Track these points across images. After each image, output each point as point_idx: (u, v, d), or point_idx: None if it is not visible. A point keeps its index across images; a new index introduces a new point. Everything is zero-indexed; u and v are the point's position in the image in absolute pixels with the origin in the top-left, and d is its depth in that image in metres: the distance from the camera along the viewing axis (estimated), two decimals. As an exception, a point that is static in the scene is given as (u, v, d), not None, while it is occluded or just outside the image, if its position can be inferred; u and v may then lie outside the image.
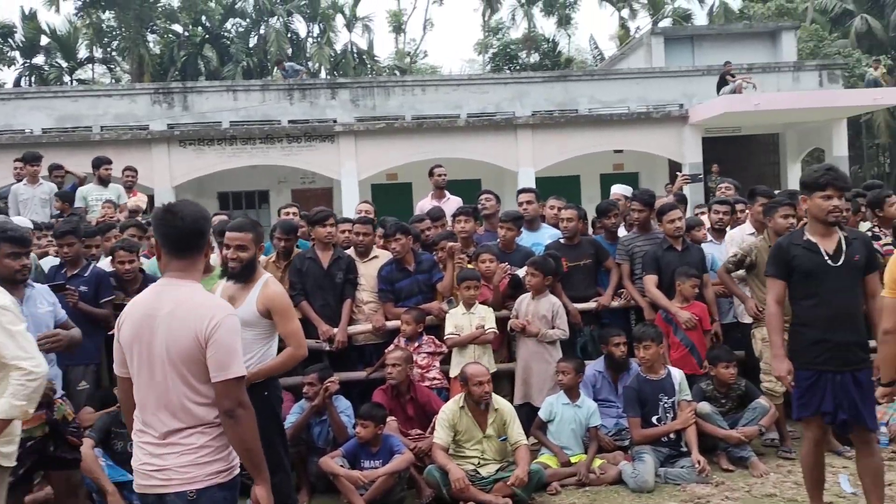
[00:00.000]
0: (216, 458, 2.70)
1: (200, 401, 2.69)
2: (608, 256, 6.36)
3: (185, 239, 2.76)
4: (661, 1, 34.37)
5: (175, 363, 2.67)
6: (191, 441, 2.68)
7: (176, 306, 2.69)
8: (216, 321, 2.65)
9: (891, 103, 19.34)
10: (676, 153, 18.84)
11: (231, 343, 2.68)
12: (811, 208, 4.07)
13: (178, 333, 2.66)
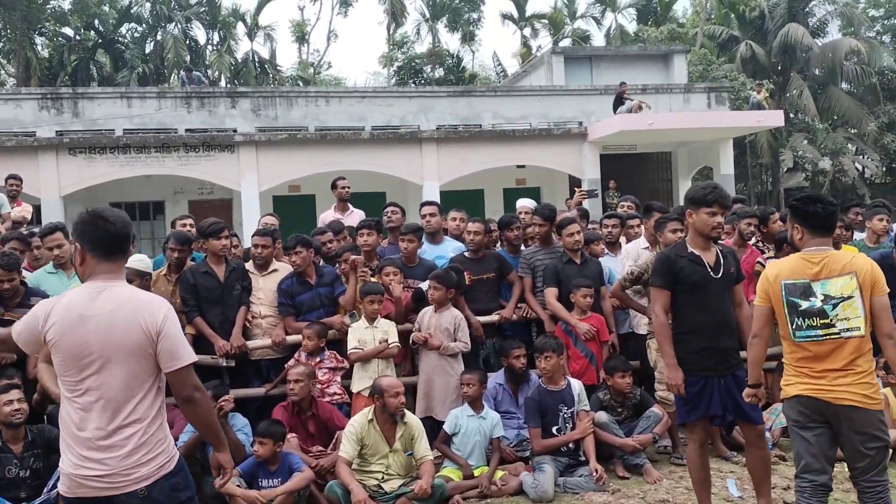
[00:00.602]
0: (158, 452, 2.77)
1: (141, 397, 2.76)
2: (511, 270, 6.44)
3: (116, 243, 2.84)
4: (562, 21, 35.45)
5: (121, 360, 2.72)
6: (132, 440, 2.72)
7: (119, 304, 2.75)
8: (163, 314, 2.77)
9: (773, 125, 20.54)
10: (576, 169, 19.38)
11: (179, 333, 2.82)
12: (696, 223, 4.27)
13: (125, 330, 2.72)
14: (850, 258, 3.67)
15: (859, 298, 3.56)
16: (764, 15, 29.42)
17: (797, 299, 3.65)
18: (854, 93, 28.98)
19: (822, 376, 3.62)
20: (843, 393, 3.57)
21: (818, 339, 3.62)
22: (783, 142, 27.12)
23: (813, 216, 3.70)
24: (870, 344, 3.63)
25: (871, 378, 3.60)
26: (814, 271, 3.62)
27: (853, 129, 28.55)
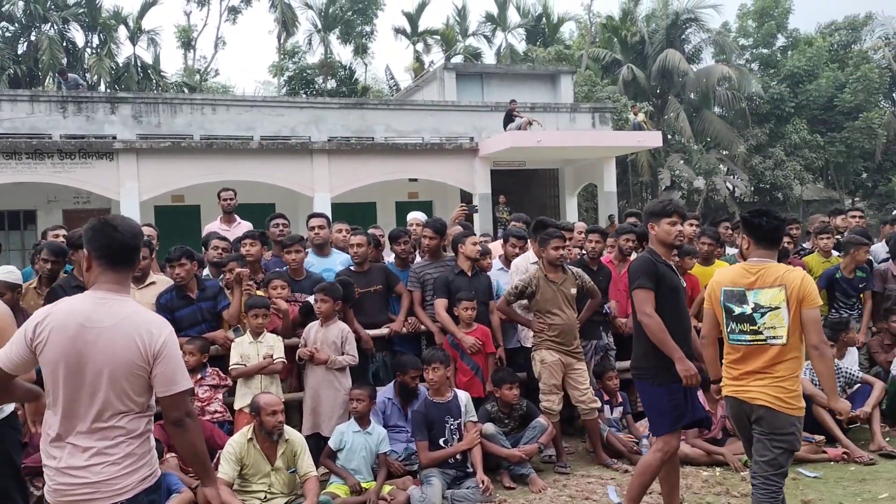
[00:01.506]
0: (141, 464, 2.75)
1: (133, 414, 2.74)
2: (398, 282, 6.43)
3: (122, 252, 2.79)
4: (454, 38, 35.98)
5: (114, 376, 2.68)
6: (118, 451, 2.70)
7: (121, 320, 2.70)
8: (164, 338, 2.73)
9: (652, 145, 21.54)
10: (468, 183, 19.63)
11: (178, 357, 2.78)
12: (659, 233, 4.50)
13: (122, 347, 2.68)
14: (784, 272, 3.89)
15: (786, 310, 3.81)
16: (644, 40, 30.91)
17: (732, 305, 3.96)
18: (725, 117, 30.84)
19: (742, 378, 3.94)
20: (757, 393, 3.86)
21: (746, 343, 3.92)
22: (662, 161, 28.50)
23: (757, 228, 3.98)
24: (794, 353, 3.86)
25: (789, 384, 3.83)
26: (749, 280, 3.91)
27: (725, 151, 30.34)
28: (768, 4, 31.84)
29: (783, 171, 28.74)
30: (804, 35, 32.68)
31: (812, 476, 5.47)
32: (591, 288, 6.12)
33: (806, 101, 29.69)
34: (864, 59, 30.44)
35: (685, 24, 30.97)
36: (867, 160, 30.58)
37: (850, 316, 7.30)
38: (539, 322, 5.89)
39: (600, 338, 6.67)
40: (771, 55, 32.49)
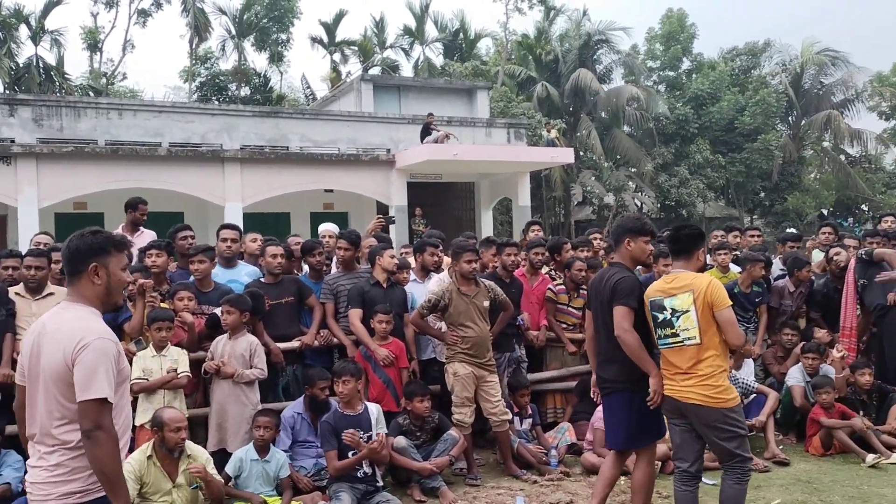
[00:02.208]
0: (71, 479, 2.70)
1: (64, 421, 2.71)
2: (311, 294, 6.34)
3: (65, 264, 2.88)
4: (371, 50, 35.95)
5: (48, 381, 2.72)
6: (50, 459, 2.72)
7: (58, 327, 2.76)
8: (84, 343, 2.67)
9: (564, 162, 22.01)
10: (384, 195, 19.58)
11: (94, 364, 2.66)
12: (634, 250, 4.63)
13: (53, 353, 2.71)
14: (692, 278, 4.26)
15: (694, 312, 4.19)
16: (558, 59, 31.66)
17: (656, 313, 4.36)
18: (634, 135, 31.89)
19: (673, 378, 4.31)
20: (687, 392, 4.23)
21: (670, 346, 4.30)
22: (574, 177, 29.19)
23: (675, 241, 4.45)
24: (711, 351, 4.20)
25: (714, 380, 4.18)
26: (665, 289, 4.34)
27: (633, 169, 31.34)
28: (674, 29, 33.19)
29: (687, 188, 29.89)
30: (708, 59, 34.19)
31: (711, 483, 5.66)
32: (504, 301, 6.19)
33: (709, 122, 31.01)
34: (763, 84, 32.06)
35: (597, 45, 31.90)
36: (765, 180, 32.17)
37: (747, 329, 7.63)
38: (452, 335, 5.91)
39: (513, 350, 6.74)
40: (677, 78, 33.84)
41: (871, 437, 6.31)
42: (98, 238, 2.87)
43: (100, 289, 2.84)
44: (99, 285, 2.84)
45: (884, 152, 34.31)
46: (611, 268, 4.75)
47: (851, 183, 32.30)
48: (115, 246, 2.91)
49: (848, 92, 33.32)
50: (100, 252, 2.85)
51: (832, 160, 33.80)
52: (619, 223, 4.89)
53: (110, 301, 2.92)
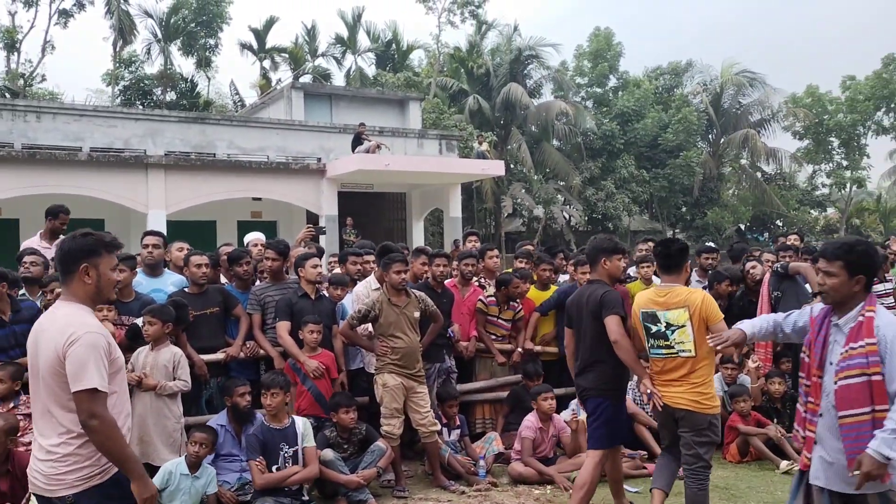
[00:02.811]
0: (85, 463, 2.92)
1: (66, 411, 2.90)
2: (237, 304, 6.22)
3: (58, 264, 3.10)
4: (302, 58, 35.63)
5: (45, 376, 2.93)
6: (60, 450, 2.91)
7: (51, 324, 2.97)
8: (73, 338, 2.85)
9: (495, 174, 22.26)
10: (314, 205, 19.40)
11: (84, 357, 2.84)
12: (610, 269, 5.02)
13: (47, 349, 2.92)
14: (687, 294, 4.59)
15: (690, 327, 4.52)
16: (489, 73, 32.07)
17: (649, 324, 4.66)
18: (563, 149, 32.50)
19: (665, 385, 4.65)
20: (678, 399, 4.59)
21: (663, 357, 4.63)
22: (504, 189, 29.55)
23: (659, 256, 4.78)
24: (704, 362, 4.57)
25: (703, 388, 4.57)
26: (659, 302, 4.62)
27: (562, 182, 31.93)
28: (602, 47, 34.05)
29: (614, 202, 30.64)
30: (633, 77, 35.19)
31: (634, 491, 5.80)
32: (434, 312, 6.21)
33: (634, 138, 31.89)
34: (685, 102, 33.19)
35: (527, 60, 32.44)
36: (686, 195, 33.25)
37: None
38: (382, 345, 5.89)
39: (443, 360, 6.75)
40: (604, 94, 34.70)
41: (785, 444, 6.57)
42: (88, 240, 3.05)
43: (90, 287, 3.04)
44: (90, 284, 3.03)
45: (797, 170, 35.94)
46: (591, 285, 5.07)
47: (767, 199, 33.71)
48: (105, 247, 3.10)
49: (764, 112, 34.87)
50: (90, 253, 3.04)
51: (749, 177, 35.23)
52: (593, 244, 5.22)
53: (101, 298, 3.14)
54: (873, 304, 3.32)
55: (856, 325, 3.29)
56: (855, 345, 3.25)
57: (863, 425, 3.19)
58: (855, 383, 3.21)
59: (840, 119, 32.60)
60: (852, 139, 33.01)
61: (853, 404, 3.22)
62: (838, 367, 3.28)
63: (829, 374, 3.35)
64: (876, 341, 3.20)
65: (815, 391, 3.41)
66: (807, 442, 3.46)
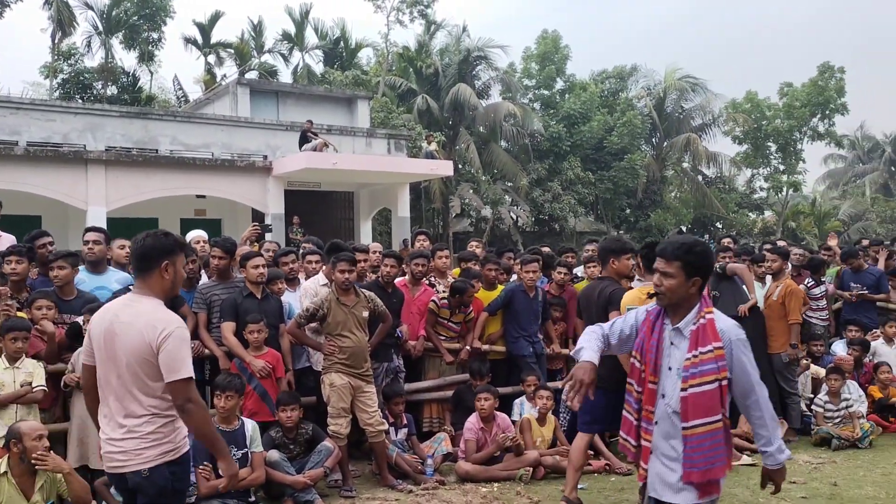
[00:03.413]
0: (163, 441, 3.24)
1: (150, 395, 3.23)
2: (183, 304, 6.11)
3: (137, 262, 3.36)
4: (248, 53, 35.12)
5: (130, 363, 3.21)
6: (141, 429, 3.22)
7: (135, 318, 3.24)
8: (166, 333, 3.17)
9: (444, 174, 22.35)
10: (260, 203, 19.17)
11: (177, 350, 3.18)
12: (619, 267, 5.50)
13: (133, 340, 3.20)
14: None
15: None
16: (438, 73, 32.11)
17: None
18: (511, 151, 32.77)
19: None
20: None
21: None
22: (453, 190, 29.64)
23: (644, 257, 5.12)
24: None
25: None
26: (642, 300, 4.70)
27: (510, 183, 32.18)
28: (549, 50, 34.42)
29: (560, 204, 31.01)
30: (580, 80, 35.65)
31: (580, 487, 5.90)
32: (383, 312, 6.21)
33: (580, 140, 32.32)
34: (630, 106, 33.80)
35: (476, 61, 32.59)
36: (631, 197, 33.87)
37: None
38: (330, 345, 5.87)
39: (391, 360, 6.77)
40: (551, 97, 35.08)
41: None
42: (169, 240, 3.36)
43: (167, 283, 3.32)
44: (167, 280, 3.32)
45: (737, 174, 36.94)
46: (601, 281, 5.62)
47: (707, 202, 34.56)
48: (182, 247, 3.45)
49: (705, 117, 35.78)
50: (170, 252, 3.33)
51: (691, 180, 36.07)
52: (602, 245, 5.86)
53: (173, 293, 3.47)
54: (710, 306, 3.14)
55: (697, 328, 3.08)
56: (704, 349, 3.04)
57: (715, 434, 3.02)
58: (709, 390, 3.02)
59: (777, 125, 33.61)
60: (789, 144, 34.06)
61: (708, 412, 3.02)
62: (686, 373, 3.05)
63: (669, 379, 3.13)
64: (722, 345, 3.03)
65: (650, 398, 3.18)
66: (643, 452, 3.21)
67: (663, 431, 3.14)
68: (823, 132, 34.11)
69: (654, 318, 3.23)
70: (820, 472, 6.29)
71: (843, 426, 7.26)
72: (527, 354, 7.32)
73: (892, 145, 49.17)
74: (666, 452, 3.12)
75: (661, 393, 3.15)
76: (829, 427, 7.24)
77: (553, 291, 7.99)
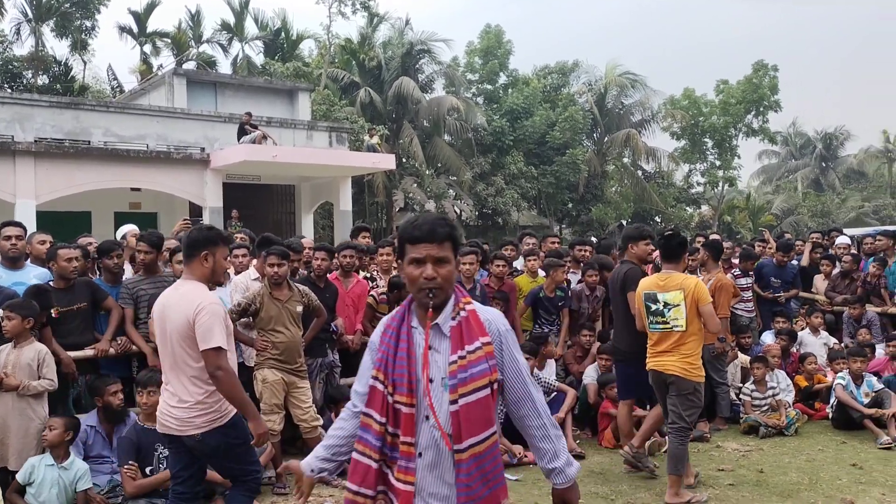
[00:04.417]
0: (211, 409, 3.80)
1: (194, 368, 3.77)
2: (106, 297, 5.93)
3: (185, 249, 3.95)
4: (186, 43, 34.30)
5: (176, 338, 3.77)
6: (189, 399, 3.77)
7: (179, 298, 3.81)
8: (201, 307, 3.70)
9: (386, 167, 22.24)
10: (198, 196, 18.78)
11: (209, 323, 3.70)
12: (638, 252, 6.15)
13: (177, 318, 3.76)
14: (682, 279, 5.49)
15: (683, 306, 5.40)
16: (381, 66, 31.93)
17: (649, 303, 5.57)
18: (454, 145, 32.80)
19: (659, 355, 5.54)
20: (669, 366, 5.47)
21: (659, 330, 5.53)
22: (396, 183, 29.54)
23: (661, 247, 5.66)
24: (693, 336, 5.43)
25: (691, 359, 5.43)
26: (659, 286, 5.54)
27: (453, 177, 32.24)
28: (492, 45, 34.56)
29: (503, 198, 31.20)
30: (522, 75, 35.89)
31: (514, 479, 5.94)
32: (317, 306, 6.12)
33: (523, 135, 32.56)
34: (571, 101, 34.17)
35: (419, 54, 32.51)
36: (572, 192, 34.28)
37: (551, 331, 8.10)
38: (262, 340, 5.76)
39: (325, 355, 6.69)
40: (494, 91, 35.23)
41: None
42: (211, 232, 3.95)
43: (206, 271, 3.88)
44: (206, 268, 3.87)
45: (675, 169, 37.73)
46: (623, 265, 6.30)
47: (647, 196, 35.24)
48: (223, 240, 3.97)
49: (645, 113, 36.44)
50: (210, 243, 3.87)
51: (631, 175, 36.71)
52: (624, 233, 6.57)
53: (214, 280, 3.98)
54: (467, 295, 2.53)
55: (459, 323, 2.44)
56: (471, 347, 2.40)
57: (493, 449, 2.41)
58: (482, 397, 2.38)
59: (714, 121, 34.44)
60: (725, 140, 34.93)
61: (485, 425, 2.38)
62: (454, 380, 2.37)
63: (434, 394, 2.40)
64: (490, 339, 2.44)
65: (407, 426, 2.40)
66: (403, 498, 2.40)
67: (429, 463, 2.41)
68: (758, 129, 35.06)
69: (396, 321, 2.52)
70: (747, 460, 6.45)
71: (770, 414, 7.46)
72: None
73: (822, 142, 50.96)
74: (435, 491, 2.40)
75: (422, 415, 2.42)
76: (756, 415, 7.43)
77: (492, 285, 8.01)
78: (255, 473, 4.07)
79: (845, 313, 9.12)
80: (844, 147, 51.76)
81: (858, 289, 9.33)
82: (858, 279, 9.45)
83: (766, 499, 5.48)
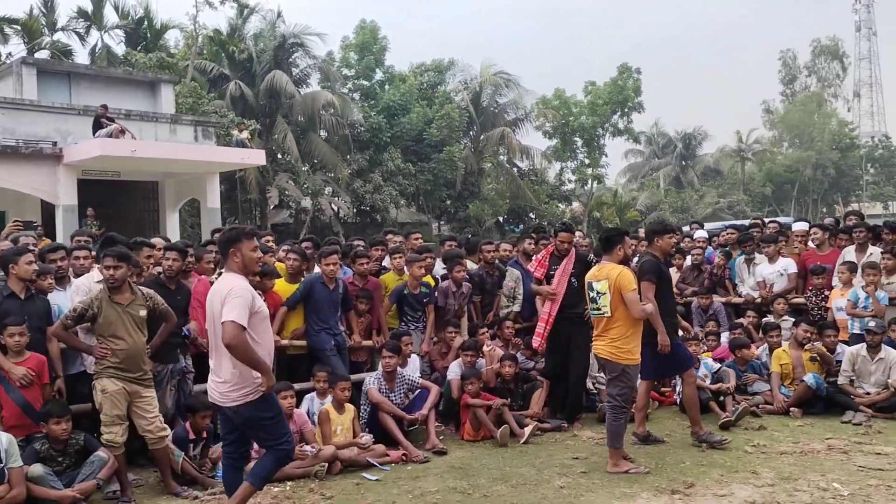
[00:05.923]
0: (243, 384, 4.47)
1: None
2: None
3: (220, 249, 4.81)
4: (38, 31, 32.01)
5: (217, 322, 4.44)
6: (226, 375, 4.50)
7: (219, 285, 4.60)
8: (230, 290, 4.39)
9: (256, 163, 21.58)
10: (50, 193, 17.61)
11: (233, 303, 4.33)
12: (662, 245, 6.66)
13: (216, 303, 4.47)
14: (609, 269, 6.02)
15: (608, 294, 5.93)
16: (252, 58, 31.00)
17: (589, 291, 6.17)
18: (330, 141, 32.30)
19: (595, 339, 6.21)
20: (599, 349, 6.13)
21: (595, 316, 6.14)
22: (270, 180, 28.79)
23: (600, 241, 6.38)
24: (618, 322, 5.93)
25: (619, 343, 5.95)
26: (595, 275, 6.14)
27: (330, 174, 31.76)
28: (368, 40, 34.32)
29: (381, 195, 31.06)
30: (399, 72, 35.87)
31: (373, 479, 5.90)
32: (165, 310, 5.82)
33: (400, 132, 32.53)
34: (448, 99, 34.47)
35: (292, 48, 31.78)
36: (450, 189, 34.60)
37: (417, 328, 8.11)
38: (101, 348, 5.41)
39: (177, 361, 6.40)
40: (370, 87, 35.01)
41: (506, 415, 7.06)
42: (233, 232, 4.65)
43: (238, 264, 4.54)
44: (237, 262, 4.53)
45: (547, 167, 38.89)
46: (644, 255, 6.82)
47: (521, 193, 36.10)
48: (246, 236, 4.59)
49: (518, 112, 37.29)
50: (234, 241, 4.55)
51: (506, 173, 37.49)
52: (648, 227, 7.23)
53: (248, 271, 4.65)
54: None
55: None
56: None
57: None
58: None
59: (583, 121, 35.72)
60: (593, 139, 36.30)
61: None
62: None
63: None
64: None
65: None
66: None
67: None
68: (623, 128, 36.66)
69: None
70: (601, 448, 6.67)
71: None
72: (327, 348, 7.24)
73: (682, 141, 53.94)
74: None
75: None
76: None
77: (357, 283, 7.94)
78: (286, 444, 4.63)
79: (694, 303, 9.63)
80: (702, 147, 55.06)
81: (706, 280, 9.89)
82: (706, 271, 10.01)
83: (615, 484, 5.68)
